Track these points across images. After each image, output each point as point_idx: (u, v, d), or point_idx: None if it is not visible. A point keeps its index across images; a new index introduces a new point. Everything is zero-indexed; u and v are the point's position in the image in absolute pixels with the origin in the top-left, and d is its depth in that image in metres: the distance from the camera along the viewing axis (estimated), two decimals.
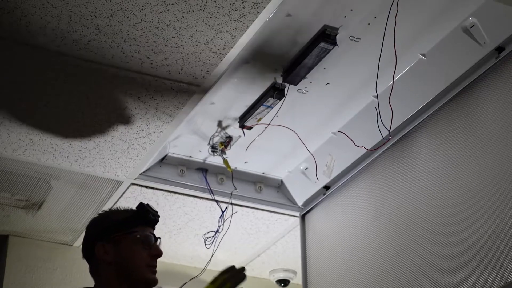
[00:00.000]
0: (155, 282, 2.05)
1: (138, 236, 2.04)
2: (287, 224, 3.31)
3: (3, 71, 2.45)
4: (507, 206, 2.17)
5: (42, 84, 2.51)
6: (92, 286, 2.05)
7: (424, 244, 2.46)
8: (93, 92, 2.55)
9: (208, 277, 3.58)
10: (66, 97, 2.56)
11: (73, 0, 2.13)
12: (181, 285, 2.74)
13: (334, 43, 2.37)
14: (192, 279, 2.97)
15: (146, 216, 2.07)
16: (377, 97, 2.60)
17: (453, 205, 2.38)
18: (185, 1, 2.14)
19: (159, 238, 2.08)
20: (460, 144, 2.42)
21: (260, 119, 2.70)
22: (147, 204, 2.09)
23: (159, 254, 2.08)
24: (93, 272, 2.07)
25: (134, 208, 2.09)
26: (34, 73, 2.46)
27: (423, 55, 2.49)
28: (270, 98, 2.59)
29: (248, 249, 3.57)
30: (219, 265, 3.51)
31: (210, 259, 2.99)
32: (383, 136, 2.65)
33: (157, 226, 3.04)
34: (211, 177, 3.01)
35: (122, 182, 3.01)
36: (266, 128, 2.76)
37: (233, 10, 2.17)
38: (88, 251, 2.07)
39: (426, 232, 2.46)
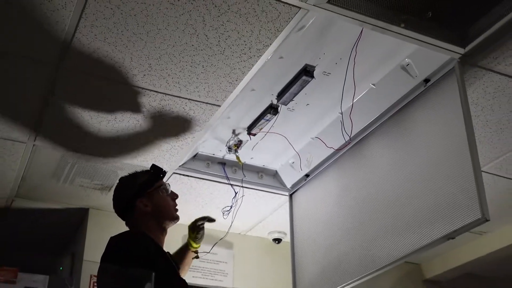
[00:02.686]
0: (179, 218, 2.06)
1: (163, 188, 2.04)
2: (280, 200, 3.32)
3: (76, 98, 2.43)
4: (431, 187, 2.20)
5: (106, 107, 2.49)
6: (134, 231, 2.00)
7: (374, 212, 2.48)
8: (148, 114, 2.55)
9: (230, 239, 3.64)
10: (128, 115, 2.56)
11: (133, 47, 2.15)
12: (212, 245, 2.71)
13: (312, 77, 2.38)
14: (220, 239, 2.94)
15: (161, 172, 2.07)
16: (341, 113, 2.61)
17: (393, 186, 2.40)
18: (210, 47, 2.15)
19: (169, 184, 2.08)
20: (398, 146, 2.43)
21: (262, 128, 2.72)
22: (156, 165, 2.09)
23: (177, 196, 2.08)
24: (132, 223, 2.03)
25: (148, 169, 2.07)
26: (102, 100, 2.45)
27: (374, 84, 2.49)
28: (268, 114, 2.61)
29: (253, 218, 3.57)
30: (234, 229, 3.50)
31: (230, 225, 2.97)
32: (346, 140, 2.67)
33: (190, 201, 2.92)
34: (228, 168, 3.01)
35: (167, 172, 2.87)
36: (265, 134, 2.77)
37: (243, 53, 2.19)
38: (127, 208, 2.02)
39: (376, 204, 2.48)
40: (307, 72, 2.35)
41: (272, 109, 2.57)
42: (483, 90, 2.39)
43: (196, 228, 2.36)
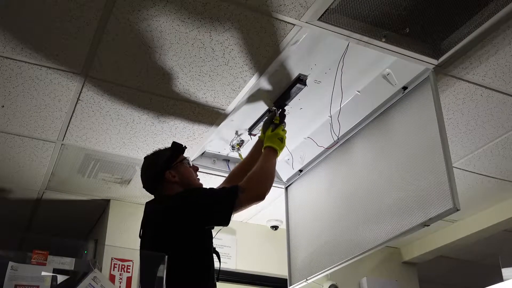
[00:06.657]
0: (202, 185, 2.08)
1: (187, 161, 2.05)
2: (277, 192, 3.26)
3: (100, 104, 2.42)
4: (409, 181, 2.20)
5: (131, 112, 2.49)
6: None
7: (359, 203, 2.48)
8: (162, 118, 2.55)
9: (233, 226, 3.62)
10: (144, 118, 2.55)
11: (149, 59, 2.15)
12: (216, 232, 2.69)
13: (305, 84, 2.37)
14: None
15: (183, 149, 2.07)
16: (330, 116, 2.61)
17: (376, 180, 2.40)
18: (216, 59, 2.16)
19: (190, 157, 2.10)
20: (380, 145, 2.44)
21: (261, 129, 2.63)
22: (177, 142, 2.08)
23: (198, 168, 2.12)
24: (162, 194, 2.00)
25: (170, 146, 2.06)
26: (129, 107, 2.47)
27: (359, 91, 2.48)
28: (266, 117, 2.54)
29: (253, 208, 3.34)
30: (236, 217, 3.48)
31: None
32: (334, 140, 2.67)
33: None
34: (231, 164, 2.98)
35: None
36: None
37: (244, 64, 2.20)
38: (156, 180, 1.99)
39: (360, 196, 2.48)
40: (300, 80, 2.35)
41: (270, 113, 2.52)
42: (454, 96, 2.41)
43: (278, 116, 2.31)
